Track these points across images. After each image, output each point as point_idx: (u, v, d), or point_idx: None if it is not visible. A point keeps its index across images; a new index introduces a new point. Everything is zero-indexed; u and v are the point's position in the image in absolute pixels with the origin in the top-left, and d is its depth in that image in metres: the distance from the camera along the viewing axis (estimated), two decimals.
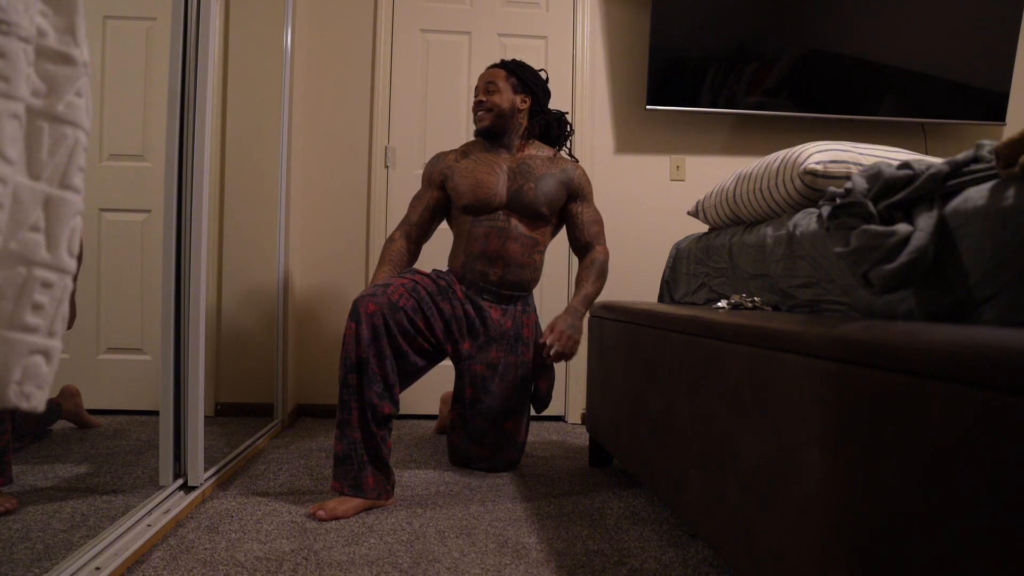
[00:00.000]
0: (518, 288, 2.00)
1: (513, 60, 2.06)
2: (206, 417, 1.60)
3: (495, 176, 1.96)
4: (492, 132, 2.00)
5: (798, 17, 2.67)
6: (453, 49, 2.74)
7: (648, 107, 2.66)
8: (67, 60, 0.64)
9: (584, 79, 2.76)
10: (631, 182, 2.80)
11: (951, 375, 0.57)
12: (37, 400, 0.62)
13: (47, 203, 0.63)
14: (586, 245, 2.07)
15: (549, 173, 1.99)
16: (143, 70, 2.47)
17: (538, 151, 2.04)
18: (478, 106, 2.00)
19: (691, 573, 1.25)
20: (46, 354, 0.63)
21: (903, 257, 0.79)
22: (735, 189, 1.54)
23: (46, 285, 0.63)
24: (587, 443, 2.17)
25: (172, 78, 1.49)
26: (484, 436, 1.93)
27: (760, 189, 1.40)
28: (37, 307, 0.62)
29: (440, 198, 2.04)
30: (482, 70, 2.71)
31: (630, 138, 2.80)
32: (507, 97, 2.00)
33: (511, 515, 1.55)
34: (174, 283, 1.50)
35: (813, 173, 1.23)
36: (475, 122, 2.02)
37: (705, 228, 2.23)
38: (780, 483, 0.85)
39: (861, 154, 1.24)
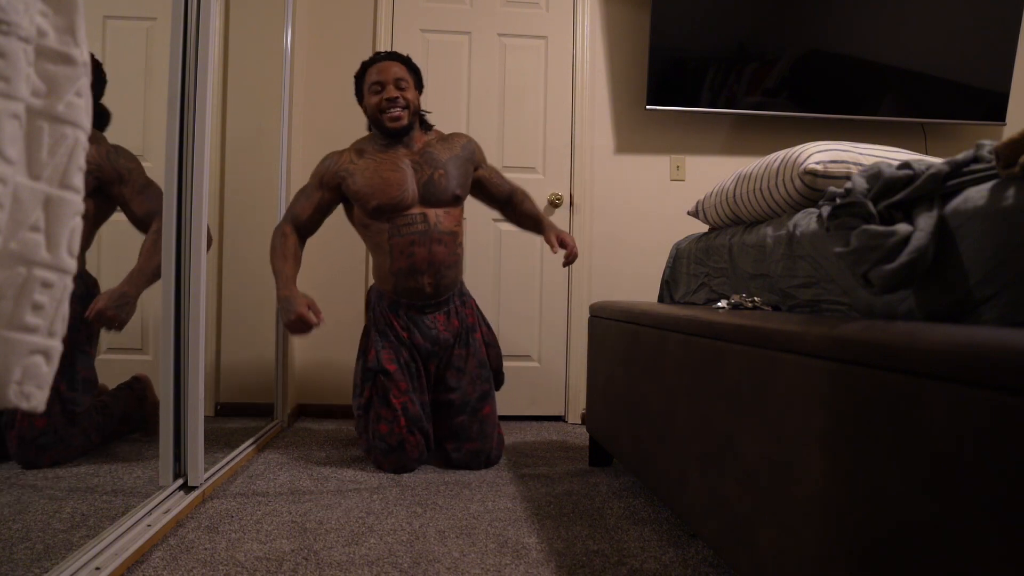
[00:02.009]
0: (450, 289, 2.02)
1: (404, 55, 2.05)
2: (206, 417, 1.60)
3: (401, 172, 1.94)
4: (407, 130, 1.98)
5: (798, 17, 2.67)
6: (453, 49, 2.73)
7: (648, 107, 2.66)
8: (67, 60, 0.64)
9: (584, 79, 2.75)
10: (631, 182, 2.80)
11: (951, 375, 0.57)
12: (37, 400, 0.62)
13: (47, 203, 0.63)
14: (510, 193, 2.14)
15: (453, 155, 2.01)
16: (143, 70, 2.47)
17: (428, 137, 2.05)
18: (392, 103, 1.94)
19: (691, 573, 1.25)
20: (46, 354, 0.63)
21: (903, 257, 0.79)
22: (735, 189, 1.54)
23: (46, 285, 0.63)
24: (587, 443, 2.17)
25: (172, 78, 1.49)
26: (469, 429, 1.96)
27: (760, 189, 1.40)
28: (37, 307, 0.62)
29: (331, 201, 2.03)
30: (482, 70, 2.73)
31: (630, 138, 2.80)
32: (414, 93, 2.00)
33: (511, 515, 1.55)
34: (174, 283, 1.50)
35: (813, 173, 1.23)
36: (387, 121, 1.95)
37: (705, 228, 2.23)
38: (780, 483, 0.85)
39: (861, 154, 1.24)
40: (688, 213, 1.89)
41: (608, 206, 2.78)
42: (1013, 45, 2.72)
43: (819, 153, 1.25)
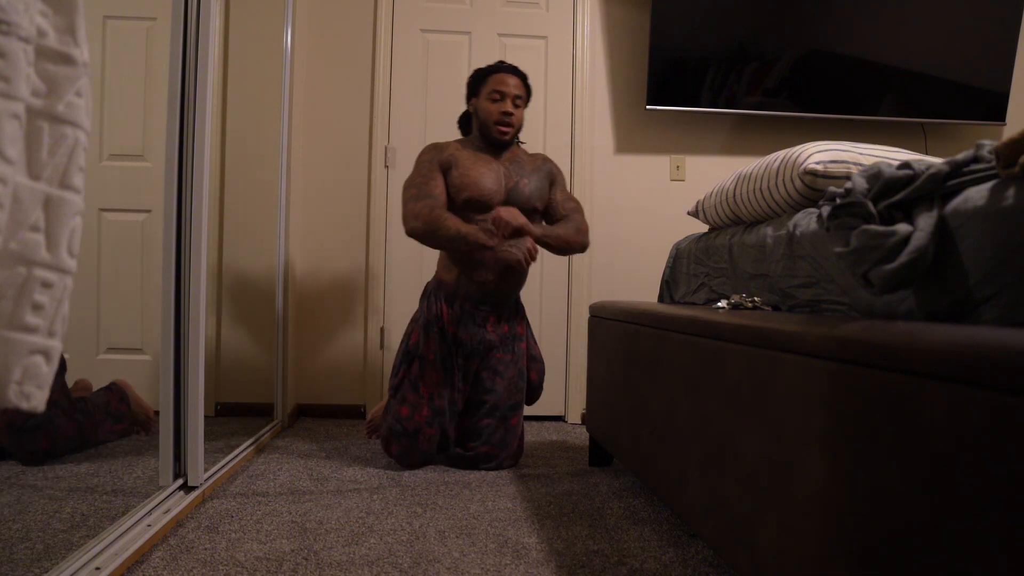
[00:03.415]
0: (510, 295, 2.07)
1: (521, 71, 2.06)
2: (206, 417, 1.60)
3: (494, 173, 2.01)
4: (508, 144, 2.07)
5: (798, 17, 2.67)
6: (453, 49, 2.73)
7: (648, 107, 2.66)
8: (67, 60, 0.64)
9: (584, 79, 2.75)
10: (631, 182, 2.80)
11: (951, 375, 0.57)
12: (37, 400, 0.62)
13: (47, 203, 0.63)
14: (562, 218, 2.12)
15: (535, 169, 2.07)
16: (143, 70, 2.47)
17: (517, 150, 2.11)
18: (506, 117, 2.00)
19: (691, 573, 1.25)
20: (46, 354, 0.63)
21: (903, 257, 0.79)
22: (735, 189, 1.54)
23: (46, 285, 0.63)
24: (587, 443, 2.16)
25: (172, 78, 1.49)
26: (492, 435, 1.96)
27: (760, 189, 1.40)
28: (37, 307, 0.62)
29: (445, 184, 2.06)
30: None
31: (630, 138, 2.80)
32: (522, 113, 2.06)
33: (511, 515, 1.55)
34: (174, 283, 1.50)
35: (813, 173, 1.23)
36: (497, 132, 2.01)
37: (705, 228, 2.23)
38: (780, 483, 0.85)
39: (861, 154, 1.24)
40: (688, 213, 1.89)
41: (608, 206, 2.78)
42: (1013, 45, 2.72)
43: (819, 153, 1.25)
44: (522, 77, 2.05)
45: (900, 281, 0.81)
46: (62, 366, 1.91)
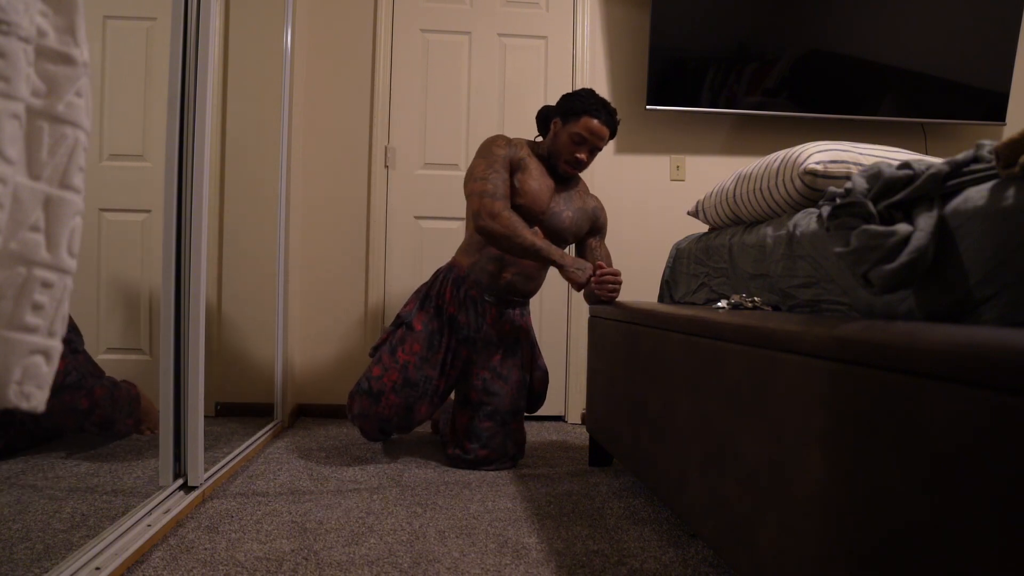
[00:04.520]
0: (520, 295, 2.08)
1: (617, 121, 2.03)
2: (206, 417, 1.60)
3: (548, 192, 2.05)
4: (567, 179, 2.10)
5: (798, 17, 2.67)
6: (453, 49, 2.74)
7: (648, 107, 2.66)
8: (67, 60, 0.64)
9: (584, 79, 2.75)
10: (631, 182, 2.80)
11: (951, 375, 0.57)
12: (37, 400, 0.62)
13: (47, 203, 0.63)
14: None
15: (583, 207, 2.10)
16: (143, 70, 2.47)
17: (578, 181, 2.15)
18: (577, 163, 2.02)
19: (691, 573, 1.25)
20: (46, 354, 0.63)
21: (903, 257, 0.79)
22: (735, 189, 1.54)
23: (46, 285, 0.63)
24: (587, 443, 2.17)
25: (172, 78, 1.49)
26: (492, 439, 1.96)
27: (760, 189, 1.40)
28: (37, 307, 0.62)
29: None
30: (482, 70, 2.73)
31: (630, 138, 2.80)
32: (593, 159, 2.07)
33: (511, 515, 1.55)
34: (174, 283, 1.50)
35: (813, 173, 1.23)
36: (562, 168, 2.03)
37: (705, 228, 2.23)
38: (780, 483, 0.85)
39: (861, 154, 1.24)
40: (688, 213, 1.89)
41: (608, 206, 2.77)
42: (1013, 45, 2.72)
43: (819, 153, 1.25)
44: (614, 132, 2.03)
45: (900, 281, 0.81)
46: (79, 335, 1.99)
